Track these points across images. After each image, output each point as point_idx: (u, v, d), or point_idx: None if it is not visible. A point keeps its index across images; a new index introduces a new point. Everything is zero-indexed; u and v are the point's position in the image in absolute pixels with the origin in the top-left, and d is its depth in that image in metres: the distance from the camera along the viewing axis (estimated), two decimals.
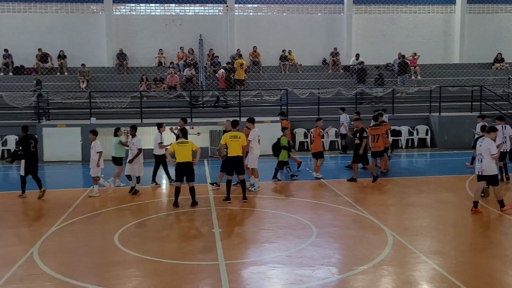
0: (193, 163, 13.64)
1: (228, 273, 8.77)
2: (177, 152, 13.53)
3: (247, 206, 13.65)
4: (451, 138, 24.29)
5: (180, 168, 13.50)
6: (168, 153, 14.31)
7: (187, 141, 13.94)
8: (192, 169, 13.59)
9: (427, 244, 10.35)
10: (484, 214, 12.61)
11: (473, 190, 13.87)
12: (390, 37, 31.71)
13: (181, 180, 13.57)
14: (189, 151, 13.53)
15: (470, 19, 32.25)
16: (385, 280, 8.56)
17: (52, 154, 21.42)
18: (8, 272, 8.96)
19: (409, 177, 17.57)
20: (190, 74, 27.23)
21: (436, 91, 25.19)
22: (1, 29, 29.00)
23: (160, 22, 30.06)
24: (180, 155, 13.47)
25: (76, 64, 28.03)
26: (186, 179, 13.62)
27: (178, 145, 13.58)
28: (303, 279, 8.53)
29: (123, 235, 11.17)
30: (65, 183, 17.98)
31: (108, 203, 14.23)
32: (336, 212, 12.95)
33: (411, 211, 13.05)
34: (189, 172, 13.54)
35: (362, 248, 10.07)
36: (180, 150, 13.48)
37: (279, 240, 10.71)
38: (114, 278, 8.73)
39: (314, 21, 31.33)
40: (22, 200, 14.81)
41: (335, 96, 25.31)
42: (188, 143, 13.67)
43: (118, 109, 23.39)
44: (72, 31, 29.20)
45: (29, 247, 10.33)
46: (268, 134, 22.63)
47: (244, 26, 30.60)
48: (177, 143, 13.71)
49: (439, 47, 32.39)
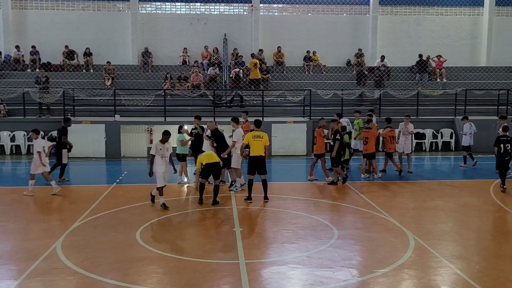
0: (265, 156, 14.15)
1: (248, 272, 8.79)
2: (252, 145, 13.92)
3: (268, 206, 13.65)
4: (476, 141, 23.92)
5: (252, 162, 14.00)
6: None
7: (262, 134, 14.23)
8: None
9: (450, 248, 10.24)
10: (508, 219, 12.44)
11: (497, 195, 13.68)
12: (415, 39, 31.41)
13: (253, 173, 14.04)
14: (262, 145, 13.99)
15: (498, 22, 31.77)
16: (406, 283, 8.50)
17: (76, 150, 21.56)
18: (32, 265, 9.09)
19: (432, 181, 17.38)
20: (214, 73, 27.30)
21: (462, 94, 24.91)
22: (29, 26, 29.45)
23: (185, 21, 30.21)
24: (254, 149, 13.92)
25: (102, 61, 28.36)
26: (258, 172, 14.00)
27: (253, 139, 13.94)
28: (323, 281, 8.50)
29: (145, 231, 11.26)
30: (89, 179, 18.20)
31: (132, 200, 14.34)
32: (358, 214, 12.89)
33: (434, 215, 12.92)
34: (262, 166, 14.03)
35: (383, 251, 10.00)
36: (255, 144, 13.90)
37: (299, 240, 10.70)
38: (135, 274, 8.81)
39: (339, 22, 31.18)
40: (46, 194, 14.96)
41: (358, 98, 25.21)
42: (263, 137, 14.08)
43: (142, 107, 23.57)
44: (98, 29, 29.53)
45: (53, 241, 10.46)
46: (290, 134, 22.74)
47: (268, 26, 30.61)
48: (253, 137, 14.00)
49: (466, 49, 31.98)
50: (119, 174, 18.42)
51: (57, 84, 25.62)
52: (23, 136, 23.04)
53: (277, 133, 22.48)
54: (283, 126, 22.80)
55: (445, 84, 28.26)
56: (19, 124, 23.36)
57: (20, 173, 19.61)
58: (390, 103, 25.36)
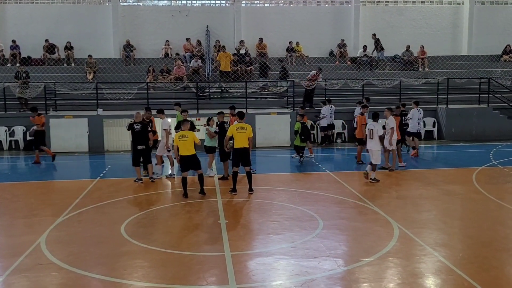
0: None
1: (234, 264, 8.80)
2: (236, 137, 13.98)
3: (253, 198, 13.67)
4: (458, 130, 24.22)
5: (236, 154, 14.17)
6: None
7: (246, 126, 14.29)
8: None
9: (434, 236, 10.34)
10: (491, 207, 12.58)
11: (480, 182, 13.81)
12: (397, 29, 31.50)
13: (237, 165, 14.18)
14: (246, 137, 14.08)
15: (479, 11, 31.94)
16: (391, 272, 8.57)
17: (59, 145, 21.49)
18: (16, 261, 9.02)
19: (415, 170, 17.52)
20: (197, 66, 27.20)
21: (444, 83, 25.07)
22: (9, 20, 29.03)
23: (167, 13, 29.98)
24: (238, 141, 13.97)
25: (83, 55, 28.05)
26: (242, 164, 14.09)
27: (237, 131, 13.96)
28: (309, 271, 8.54)
29: (130, 225, 11.22)
30: (73, 174, 18.03)
31: (116, 193, 14.27)
32: (343, 204, 12.95)
33: (418, 204, 13.03)
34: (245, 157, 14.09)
35: (368, 240, 10.07)
36: (239, 136, 13.96)
37: (285, 231, 10.73)
38: (121, 269, 8.78)
39: (321, 13, 31.15)
40: (29, 190, 14.85)
41: (342, 88, 25.27)
42: (247, 129, 14.13)
43: (124, 100, 23.40)
44: (79, 22, 29.16)
45: (37, 237, 10.39)
46: (274, 126, 22.75)
47: (250, 18, 30.49)
48: (236, 129, 13.99)
49: (447, 38, 32.13)
50: (102, 168, 18.32)
51: (38, 79, 25.29)
52: (4, 132, 22.77)
53: (261, 124, 22.49)
54: (266, 117, 22.82)
55: (427, 73, 28.42)
56: (1, 120, 23.07)
57: (2, 169, 19.38)
58: (373, 93, 25.42)
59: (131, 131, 15.76)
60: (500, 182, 15.40)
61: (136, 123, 15.65)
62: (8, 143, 22.83)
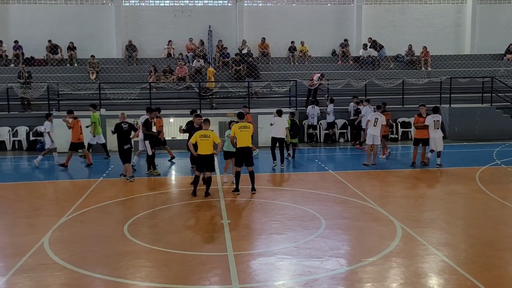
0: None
1: (236, 264, 8.80)
2: (238, 136, 13.91)
3: (256, 198, 13.67)
4: (461, 129, 24.17)
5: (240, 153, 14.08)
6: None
7: (248, 125, 14.31)
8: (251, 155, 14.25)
9: (436, 236, 10.32)
10: (494, 206, 12.55)
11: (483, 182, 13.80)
12: (400, 28, 31.50)
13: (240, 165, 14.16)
14: (249, 136, 14.13)
15: (482, 10, 31.90)
16: (394, 271, 8.55)
17: (62, 145, 21.48)
18: (19, 261, 9.03)
19: (418, 169, 17.49)
20: (199, 66, 27.22)
21: (447, 82, 25.03)
22: (12, 20, 29.11)
23: (169, 13, 30.02)
24: (241, 140, 13.92)
25: (86, 55, 28.09)
26: (245, 164, 14.09)
27: (240, 130, 13.91)
28: (312, 271, 8.54)
29: (133, 225, 11.23)
30: (76, 173, 18.03)
31: (119, 193, 14.29)
32: (345, 204, 12.94)
33: (421, 203, 13.01)
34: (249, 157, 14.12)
35: (371, 240, 10.06)
36: (241, 135, 13.93)
37: (287, 231, 10.73)
38: (123, 268, 8.78)
39: (324, 12, 31.15)
40: (32, 190, 14.88)
41: (344, 88, 25.26)
42: (249, 127, 14.20)
43: (127, 100, 23.43)
44: (81, 23, 29.24)
45: (40, 237, 10.40)
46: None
47: (253, 17, 30.51)
48: (239, 128, 13.96)
49: (450, 38, 32.12)
50: (105, 168, 18.33)
51: (41, 79, 25.34)
52: (8, 132, 22.81)
53: (264, 124, 22.45)
54: (269, 117, 22.73)
55: (430, 73, 28.38)
56: (4, 120, 23.11)
57: (6, 169, 19.42)
58: (376, 92, 25.39)
59: (119, 131, 15.79)
60: (503, 182, 15.37)
61: (123, 122, 15.88)
62: (11, 143, 22.88)
